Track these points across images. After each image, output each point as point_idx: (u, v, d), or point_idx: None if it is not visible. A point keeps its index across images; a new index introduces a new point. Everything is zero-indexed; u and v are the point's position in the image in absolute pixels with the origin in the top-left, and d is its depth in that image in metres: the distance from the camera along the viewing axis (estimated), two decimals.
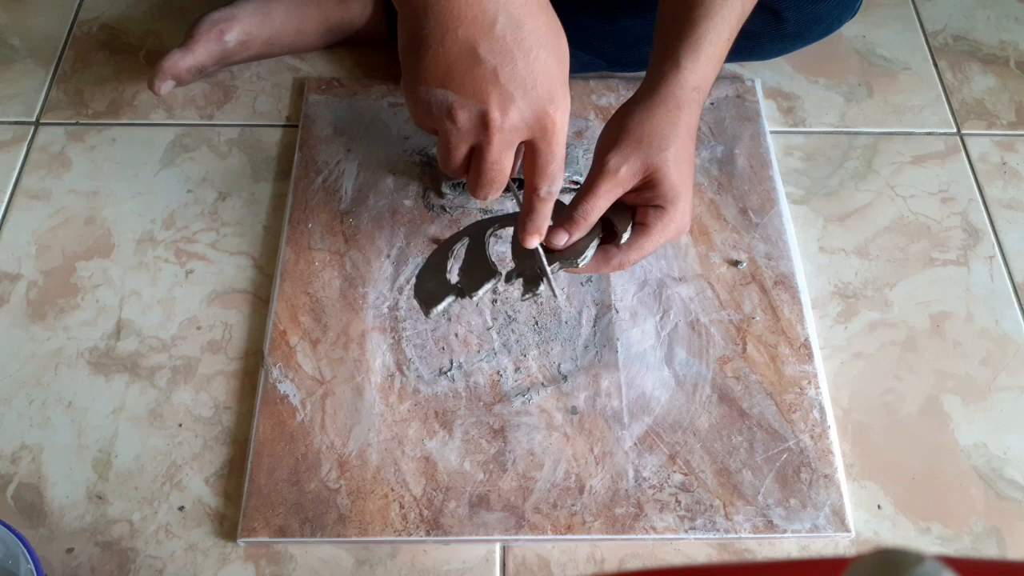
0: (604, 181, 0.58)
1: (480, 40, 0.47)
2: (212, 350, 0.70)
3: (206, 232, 0.77)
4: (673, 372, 0.68)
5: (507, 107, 0.48)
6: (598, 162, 0.58)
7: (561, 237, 0.59)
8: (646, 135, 0.58)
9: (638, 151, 0.57)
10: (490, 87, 0.48)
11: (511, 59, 0.48)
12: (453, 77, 0.48)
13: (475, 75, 0.48)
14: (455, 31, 0.47)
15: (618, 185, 0.58)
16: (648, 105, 0.59)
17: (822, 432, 0.65)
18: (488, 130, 0.49)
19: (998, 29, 0.96)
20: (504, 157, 0.51)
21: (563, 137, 0.51)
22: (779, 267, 0.74)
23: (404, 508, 0.62)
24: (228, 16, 0.84)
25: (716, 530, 0.61)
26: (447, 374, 0.68)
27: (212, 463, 0.65)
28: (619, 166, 0.57)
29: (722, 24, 0.59)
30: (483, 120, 0.49)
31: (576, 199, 0.59)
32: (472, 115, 0.49)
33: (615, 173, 0.57)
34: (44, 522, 0.63)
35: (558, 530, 0.61)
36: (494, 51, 0.47)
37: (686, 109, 0.59)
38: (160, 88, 0.82)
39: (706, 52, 0.59)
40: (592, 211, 0.58)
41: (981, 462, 0.66)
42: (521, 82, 0.48)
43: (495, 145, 0.50)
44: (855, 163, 0.83)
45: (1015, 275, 0.76)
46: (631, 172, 0.58)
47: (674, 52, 0.59)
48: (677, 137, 0.58)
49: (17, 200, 0.79)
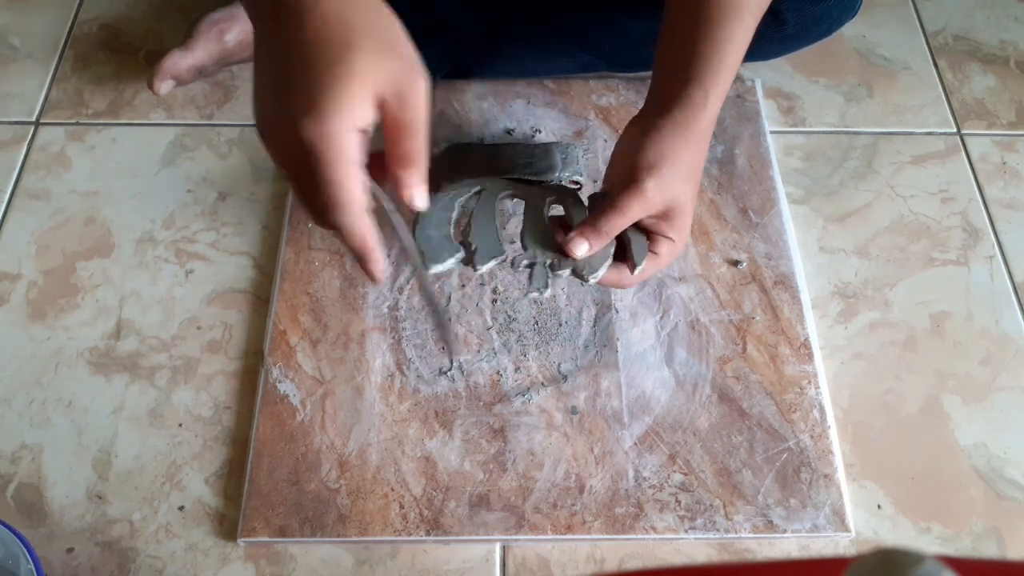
0: (636, 203, 0.57)
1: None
2: (212, 350, 0.70)
3: (206, 232, 0.77)
4: (673, 372, 0.68)
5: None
6: (631, 180, 0.57)
7: (581, 247, 0.58)
8: (680, 166, 0.57)
9: (672, 181, 0.57)
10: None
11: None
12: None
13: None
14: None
15: (647, 209, 0.57)
16: (683, 132, 0.58)
17: (822, 432, 0.65)
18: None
19: (998, 29, 0.96)
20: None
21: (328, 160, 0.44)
22: (779, 267, 0.74)
23: (404, 508, 0.62)
24: (228, 16, 0.83)
25: (716, 530, 0.61)
26: (447, 374, 0.68)
27: (212, 463, 0.65)
28: (655, 193, 0.56)
29: (739, 49, 0.59)
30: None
31: (602, 212, 0.58)
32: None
33: (649, 199, 0.56)
34: (44, 522, 0.63)
35: (558, 530, 0.61)
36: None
37: (708, 137, 0.60)
38: (160, 88, 0.82)
39: (725, 80, 0.59)
40: (617, 228, 0.58)
41: (981, 462, 0.66)
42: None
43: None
44: (855, 163, 0.83)
45: (1015, 275, 0.76)
46: (662, 200, 0.57)
47: (701, 78, 0.58)
48: (700, 169, 0.59)
49: (17, 200, 0.79)
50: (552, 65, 0.85)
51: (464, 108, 0.84)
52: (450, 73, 0.85)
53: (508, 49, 0.84)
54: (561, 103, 0.84)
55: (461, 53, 0.84)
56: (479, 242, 0.59)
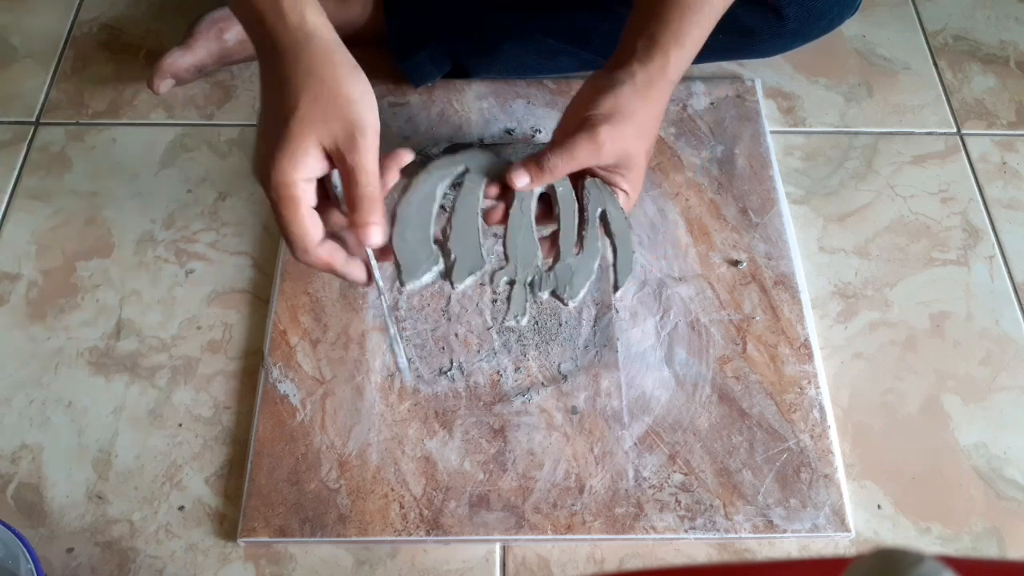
0: (587, 147, 0.57)
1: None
2: (212, 350, 0.70)
3: (206, 232, 0.77)
4: (673, 372, 0.68)
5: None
6: (586, 125, 0.58)
7: (522, 177, 0.58)
8: (635, 121, 0.58)
9: (626, 135, 0.58)
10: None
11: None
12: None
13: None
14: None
15: (598, 157, 0.58)
16: (642, 91, 0.59)
17: (822, 432, 0.65)
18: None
19: (998, 29, 0.96)
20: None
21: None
22: (779, 267, 0.74)
23: (404, 508, 0.62)
24: (228, 15, 0.83)
25: (716, 530, 0.61)
26: (447, 374, 0.68)
27: (212, 463, 0.65)
28: (607, 141, 0.57)
29: (708, 18, 0.60)
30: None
31: (549, 149, 0.58)
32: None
33: (601, 145, 0.57)
34: (44, 522, 0.63)
35: (558, 530, 0.61)
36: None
37: (666, 100, 0.61)
38: (160, 87, 0.82)
39: (690, 46, 0.60)
40: (562, 168, 0.58)
41: (981, 462, 0.66)
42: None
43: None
44: (855, 163, 0.83)
45: (1015, 275, 0.76)
46: (614, 150, 0.58)
47: (663, 41, 0.60)
48: (656, 129, 0.61)
49: (17, 200, 0.79)
50: (553, 64, 0.85)
51: (464, 108, 0.84)
52: (450, 73, 0.85)
53: (509, 48, 0.84)
54: (561, 103, 0.84)
55: (461, 53, 0.84)
56: (459, 250, 0.57)
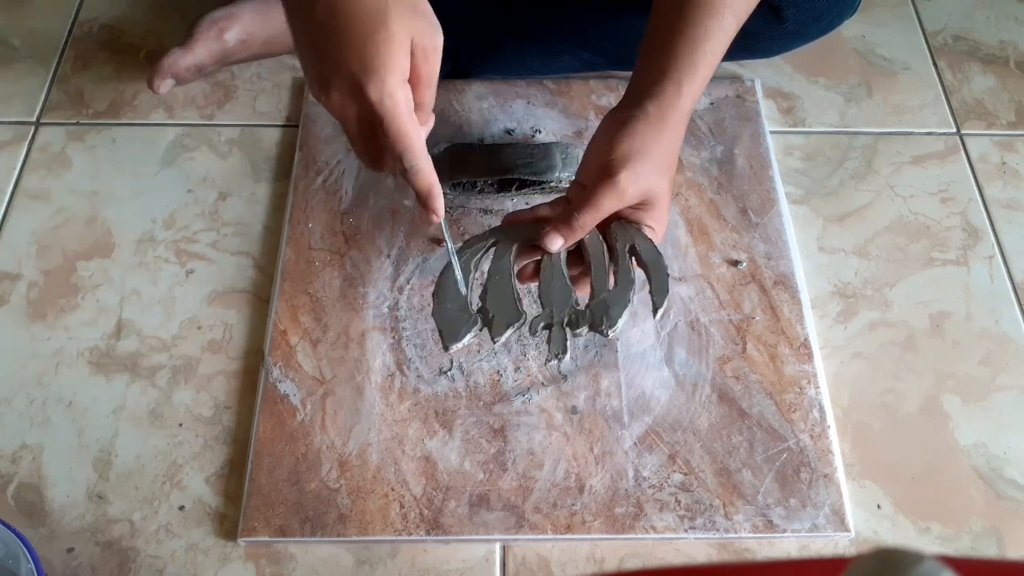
0: (609, 196, 0.58)
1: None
2: (212, 350, 0.71)
3: (206, 232, 0.77)
4: (673, 372, 0.68)
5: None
6: (604, 174, 0.58)
7: (556, 241, 0.60)
8: (653, 158, 0.59)
9: (646, 174, 0.59)
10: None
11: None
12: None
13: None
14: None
15: (622, 202, 0.59)
16: (656, 126, 0.59)
17: (822, 432, 0.65)
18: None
19: (998, 29, 0.96)
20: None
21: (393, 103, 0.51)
22: (779, 267, 0.74)
23: (404, 508, 0.62)
24: (228, 15, 0.84)
25: (716, 530, 0.61)
26: (447, 374, 0.68)
27: (212, 463, 0.65)
28: (628, 186, 0.58)
29: (718, 47, 0.61)
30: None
31: (576, 207, 0.59)
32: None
33: (623, 191, 0.58)
34: (44, 522, 0.63)
35: (558, 530, 0.61)
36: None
37: (682, 131, 0.62)
38: (160, 87, 0.82)
39: (702, 76, 0.61)
40: (591, 222, 0.59)
41: (981, 462, 0.66)
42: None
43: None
44: (855, 163, 0.83)
45: (1015, 275, 0.76)
46: (637, 193, 0.59)
47: (675, 73, 0.60)
48: (674, 161, 0.62)
49: (17, 200, 0.79)
50: (554, 64, 0.85)
51: (464, 108, 0.84)
52: (450, 73, 0.85)
53: (509, 48, 0.84)
54: (561, 103, 0.84)
55: (461, 53, 0.84)
56: (496, 308, 0.59)
